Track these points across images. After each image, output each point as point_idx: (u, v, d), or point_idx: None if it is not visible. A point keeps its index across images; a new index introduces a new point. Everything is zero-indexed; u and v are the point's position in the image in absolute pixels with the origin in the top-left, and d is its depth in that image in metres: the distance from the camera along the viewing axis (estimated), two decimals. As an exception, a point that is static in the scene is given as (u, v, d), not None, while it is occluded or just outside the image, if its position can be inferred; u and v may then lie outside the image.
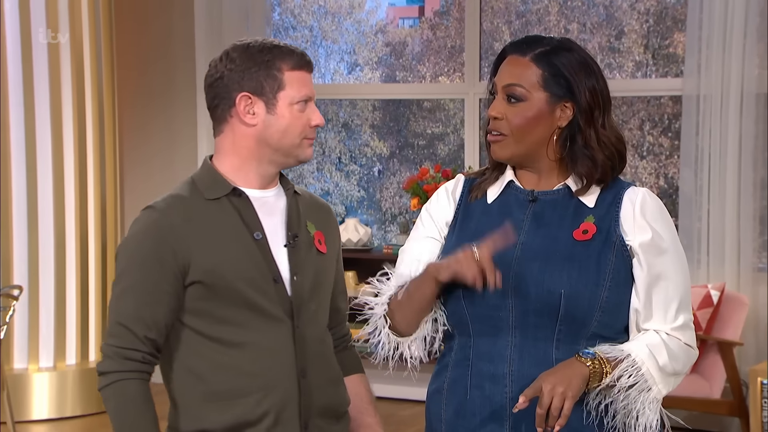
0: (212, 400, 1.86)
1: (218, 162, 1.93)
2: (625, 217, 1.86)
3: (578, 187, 1.89)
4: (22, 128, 5.19)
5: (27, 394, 5.19)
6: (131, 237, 1.87)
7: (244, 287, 1.85)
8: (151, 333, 1.83)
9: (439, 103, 6.85)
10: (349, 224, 5.66)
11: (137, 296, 1.83)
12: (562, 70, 1.86)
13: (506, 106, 1.87)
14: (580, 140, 1.87)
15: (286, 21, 7.14)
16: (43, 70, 5.20)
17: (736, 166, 4.93)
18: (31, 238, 5.21)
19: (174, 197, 1.90)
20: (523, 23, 6.53)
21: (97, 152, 5.39)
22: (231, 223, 1.88)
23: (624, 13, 6.33)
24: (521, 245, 1.87)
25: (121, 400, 1.82)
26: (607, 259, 1.84)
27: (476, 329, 1.88)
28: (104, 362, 1.85)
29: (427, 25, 7.15)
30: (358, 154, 7.31)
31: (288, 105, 1.89)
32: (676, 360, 1.85)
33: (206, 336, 1.86)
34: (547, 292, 1.83)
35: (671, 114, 6.28)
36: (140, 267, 1.84)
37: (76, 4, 5.27)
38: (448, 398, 1.92)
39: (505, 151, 1.89)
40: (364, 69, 7.24)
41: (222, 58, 1.91)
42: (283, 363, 1.89)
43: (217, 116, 1.92)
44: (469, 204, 1.96)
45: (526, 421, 1.84)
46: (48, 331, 5.25)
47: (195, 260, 1.84)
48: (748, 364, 4.76)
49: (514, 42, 1.93)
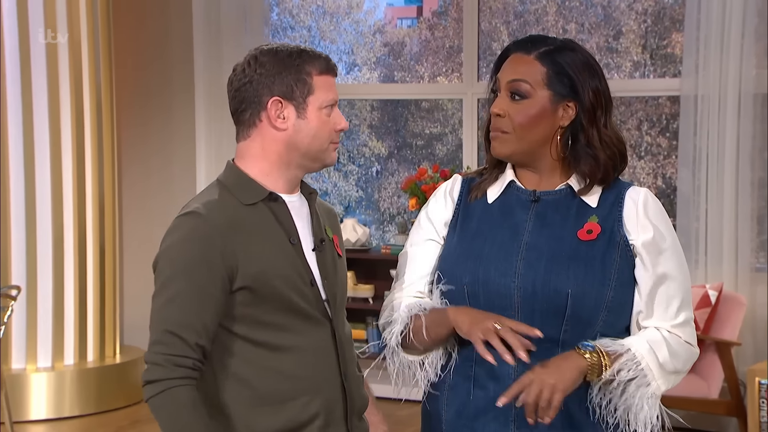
0: (261, 405, 1.86)
1: (245, 167, 1.91)
2: (628, 217, 1.87)
3: (581, 187, 1.89)
4: (20, 128, 5.19)
5: (25, 394, 5.19)
6: (175, 244, 1.83)
7: (288, 291, 1.86)
8: (201, 339, 1.81)
9: (438, 103, 6.85)
10: (348, 224, 5.67)
11: (186, 303, 1.80)
12: (567, 69, 1.87)
13: (509, 103, 1.88)
14: (583, 139, 1.87)
15: (284, 21, 7.14)
16: (41, 70, 5.20)
17: (734, 166, 4.93)
18: (29, 238, 5.21)
19: (213, 202, 1.87)
20: (521, 23, 6.53)
21: (95, 152, 5.39)
22: (270, 228, 1.88)
23: (622, 13, 6.34)
24: (525, 245, 1.87)
25: (175, 408, 1.78)
26: (612, 258, 1.85)
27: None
28: (153, 370, 1.81)
29: (425, 25, 7.15)
30: (357, 154, 7.31)
31: (317, 109, 1.90)
32: (677, 357, 1.85)
33: (251, 341, 1.85)
34: (553, 292, 1.83)
35: (669, 114, 6.28)
36: (187, 273, 1.81)
37: (74, 5, 5.27)
38: (450, 398, 1.91)
39: (506, 148, 1.88)
40: (363, 69, 7.24)
41: (250, 62, 1.89)
42: (328, 364, 1.92)
43: (244, 121, 1.91)
44: (469, 204, 1.96)
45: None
46: (46, 331, 5.25)
47: (242, 265, 1.83)
48: (746, 364, 4.76)
49: (518, 41, 1.93)
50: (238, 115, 1.91)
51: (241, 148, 1.93)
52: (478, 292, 1.86)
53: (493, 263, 1.87)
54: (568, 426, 1.84)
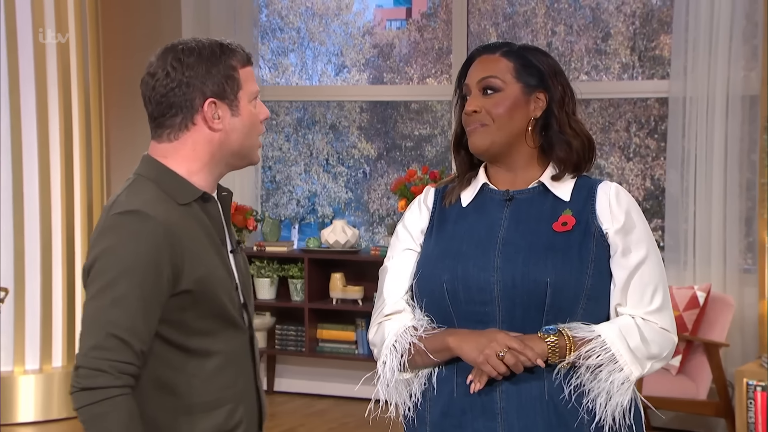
0: (187, 413, 1.80)
1: (171, 165, 1.83)
2: (601, 209, 1.91)
3: (555, 173, 1.93)
4: (8, 128, 5.17)
5: (13, 396, 5.16)
6: (120, 244, 1.73)
7: (223, 296, 1.81)
8: (145, 346, 1.73)
9: (427, 104, 6.85)
10: (337, 226, 5.67)
11: (133, 306, 1.71)
12: (533, 61, 1.94)
13: (483, 99, 1.92)
14: (556, 126, 1.93)
15: (273, 22, 7.13)
16: (29, 69, 5.18)
17: (722, 168, 4.95)
18: (17, 239, 5.19)
19: (153, 201, 1.78)
20: (510, 25, 6.54)
21: (83, 153, 5.37)
22: (204, 230, 1.82)
23: (610, 15, 6.35)
24: (502, 241, 1.89)
25: (121, 417, 1.69)
26: (588, 248, 1.88)
27: (462, 326, 1.88)
28: (94, 376, 1.69)
29: (414, 26, 7.16)
30: (346, 156, 7.31)
31: (247, 103, 1.85)
32: (649, 344, 1.87)
33: (178, 347, 1.78)
34: (533, 283, 1.84)
35: (657, 116, 6.30)
36: (135, 274, 1.71)
37: (62, 4, 5.25)
38: (434, 400, 1.92)
39: (485, 139, 1.91)
40: (352, 71, 7.24)
41: (173, 65, 1.80)
42: (247, 372, 1.88)
43: (173, 125, 1.82)
44: (444, 209, 1.98)
45: (518, 414, 1.85)
46: (34, 333, 5.23)
47: (187, 268, 1.75)
48: (734, 365, 4.78)
49: (481, 46, 1.99)
50: (165, 119, 1.82)
51: (164, 149, 1.84)
52: (457, 288, 1.87)
53: (471, 259, 1.88)
54: (554, 414, 1.85)
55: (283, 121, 7.23)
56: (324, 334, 5.65)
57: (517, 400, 1.85)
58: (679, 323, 4.64)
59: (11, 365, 5.21)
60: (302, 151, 7.27)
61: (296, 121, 7.26)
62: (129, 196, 1.79)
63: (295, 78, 7.24)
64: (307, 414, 5.44)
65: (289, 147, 7.28)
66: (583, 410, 1.85)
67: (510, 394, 1.85)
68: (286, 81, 7.21)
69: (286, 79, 7.22)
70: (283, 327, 5.74)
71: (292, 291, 5.70)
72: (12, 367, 5.21)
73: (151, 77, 1.83)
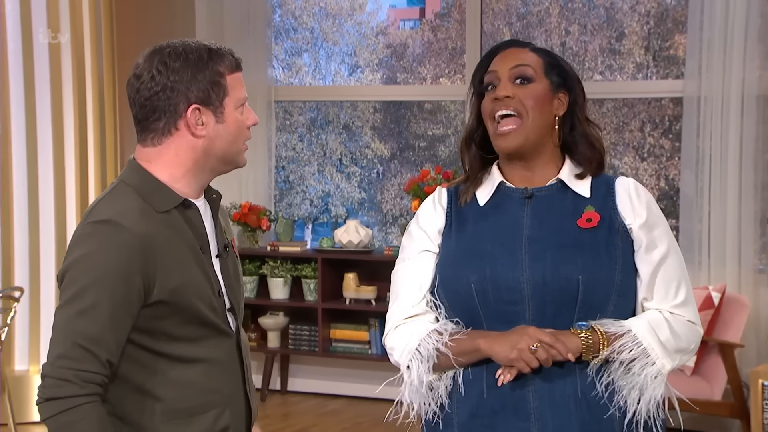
0: (171, 419, 1.79)
1: (154, 171, 1.81)
2: (622, 204, 1.91)
3: (578, 172, 1.93)
4: (23, 129, 5.20)
5: (28, 395, 5.19)
6: (92, 253, 1.71)
7: (201, 304, 1.79)
8: (113, 356, 1.71)
9: (440, 104, 6.85)
10: (350, 226, 5.67)
11: (100, 316, 1.69)
12: (559, 60, 1.96)
13: (514, 87, 1.90)
14: (579, 126, 1.94)
15: (287, 23, 7.14)
16: (44, 70, 5.21)
17: (737, 168, 4.93)
18: (32, 239, 5.21)
19: (129, 210, 1.75)
20: (523, 25, 6.53)
21: (98, 153, 5.40)
22: (184, 237, 1.79)
23: (625, 15, 6.34)
24: (528, 239, 1.87)
25: (87, 425, 1.68)
26: (614, 243, 1.87)
27: (490, 327, 1.87)
28: (58, 386, 1.68)
29: (427, 26, 7.15)
30: (359, 156, 7.31)
31: (233, 110, 1.82)
32: (679, 337, 1.87)
33: (159, 354, 1.77)
34: (564, 280, 1.83)
35: (672, 116, 6.28)
36: (104, 284, 1.69)
37: (77, 5, 5.28)
38: (461, 401, 1.89)
39: (518, 138, 1.89)
40: (365, 71, 7.24)
41: (159, 68, 1.78)
42: (234, 376, 1.87)
43: (156, 129, 1.80)
44: (460, 209, 1.96)
45: (551, 412, 1.84)
46: (49, 332, 5.22)
47: (160, 279, 1.73)
48: (749, 365, 4.76)
49: (505, 41, 1.98)
50: (149, 123, 1.80)
51: (148, 153, 1.82)
52: (486, 289, 1.85)
53: (499, 259, 1.86)
54: (587, 411, 1.84)
55: (297, 121, 7.24)
56: (337, 334, 5.66)
57: (550, 399, 1.84)
58: (693, 324, 4.62)
59: (26, 364, 5.24)
60: (316, 151, 7.28)
61: (310, 121, 7.27)
62: (107, 205, 1.78)
63: (309, 78, 7.25)
64: (320, 414, 5.45)
65: (302, 147, 7.29)
66: (615, 406, 1.84)
67: (543, 394, 1.84)
68: (299, 81, 7.22)
69: (300, 79, 7.23)
70: (297, 327, 5.74)
71: (306, 291, 5.71)
72: (27, 365, 5.24)
73: (137, 79, 1.81)
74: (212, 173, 1.86)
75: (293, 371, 5.90)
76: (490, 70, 1.93)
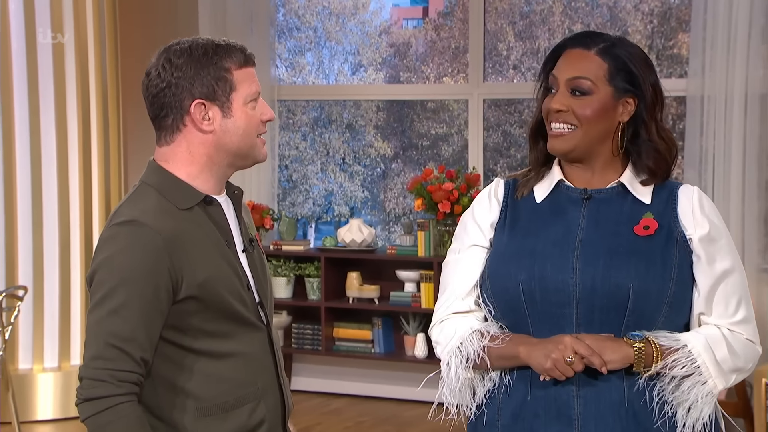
0: (207, 415, 1.80)
1: (172, 170, 1.83)
2: (684, 213, 1.86)
3: (643, 179, 1.87)
4: (27, 128, 5.21)
5: (31, 394, 5.20)
6: (117, 254, 1.73)
7: (230, 298, 1.80)
8: (146, 354, 1.73)
9: (443, 103, 6.85)
10: (353, 225, 5.67)
11: (130, 315, 1.72)
12: (628, 64, 1.85)
13: (570, 99, 1.84)
14: (645, 134, 1.86)
15: (290, 22, 7.14)
16: (47, 69, 5.22)
17: (741, 167, 4.92)
18: (35, 238, 5.22)
19: (151, 210, 1.78)
20: (527, 24, 6.53)
21: (101, 152, 5.40)
22: (208, 233, 1.81)
23: (628, 13, 6.33)
24: (581, 242, 1.83)
25: (124, 424, 1.70)
26: (671, 253, 1.82)
27: (536, 329, 1.84)
28: (95, 386, 1.71)
29: (431, 25, 7.15)
30: (362, 155, 7.31)
31: (242, 105, 1.82)
32: (736, 356, 1.82)
33: (193, 350, 1.79)
34: (615, 287, 1.79)
35: (675, 115, 6.27)
36: (132, 284, 1.72)
37: (80, 5, 5.28)
38: (505, 402, 1.87)
39: (569, 143, 1.84)
40: (368, 70, 7.24)
41: (164, 65, 1.81)
42: (267, 369, 1.88)
43: (166, 126, 1.82)
44: (516, 202, 1.92)
45: (595, 419, 1.81)
46: (52, 331, 5.26)
47: (187, 275, 1.76)
48: (752, 365, 4.76)
49: (574, 36, 1.90)
50: (159, 120, 1.83)
51: (164, 152, 1.84)
52: (533, 289, 1.82)
53: (549, 260, 1.82)
54: (633, 421, 1.80)
55: (300, 120, 7.24)
56: (340, 333, 5.66)
57: (596, 406, 1.80)
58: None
59: (30, 363, 5.25)
60: (319, 150, 7.28)
61: (313, 120, 7.28)
62: (129, 206, 1.80)
63: (312, 77, 7.25)
64: (323, 413, 5.45)
65: (305, 146, 7.29)
66: (661, 419, 1.80)
67: (588, 400, 1.81)
68: (302, 80, 7.22)
69: (303, 78, 7.24)
70: (300, 326, 5.75)
71: (309, 290, 5.71)
72: (31, 364, 5.25)
73: (146, 77, 1.84)
74: (230, 168, 1.86)
75: (296, 370, 5.91)
76: (553, 73, 1.87)
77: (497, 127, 6.44)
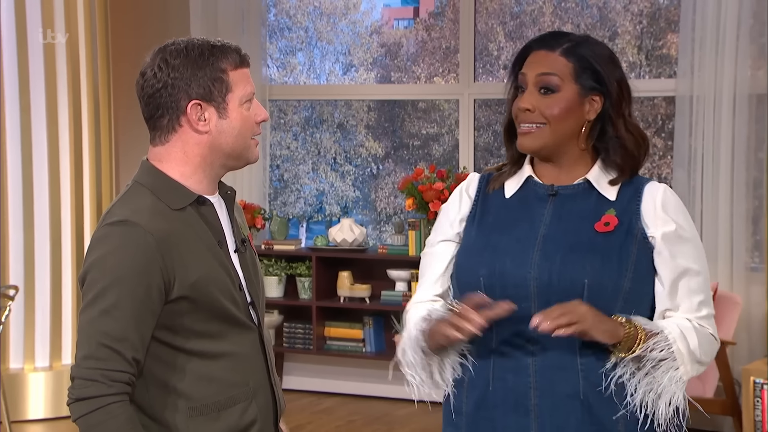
0: (198, 415, 1.81)
1: (165, 169, 1.83)
2: (646, 211, 1.88)
3: (612, 177, 1.90)
4: (18, 128, 5.21)
5: (23, 393, 5.20)
6: (109, 254, 1.74)
7: (222, 299, 1.81)
8: (138, 354, 1.74)
9: (434, 103, 6.86)
10: (345, 224, 5.68)
11: (122, 315, 1.72)
12: (592, 62, 1.89)
13: (538, 97, 1.88)
14: (611, 131, 1.89)
15: (282, 22, 7.15)
16: (39, 69, 5.22)
17: (729, 167, 4.96)
18: (26, 237, 5.22)
19: (144, 210, 1.78)
20: (517, 24, 6.55)
21: (92, 152, 5.41)
22: (200, 233, 1.82)
23: (617, 14, 6.36)
24: (543, 238, 1.87)
25: (115, 424, 1.70)
26: (629, 250, 1.85)
27: (498, 323, 1.87)
28: (86, 386, 1.71)
29: (421, 26, 7.17)
30: (353, 155, 7.32)
31: (238, 106, 1.83)
32: (703, 348, 1.86)
33: (184, 350, 1.80)
34: (569, 282, 1.83)
35: (665, 115, 6.30)
36: (124, 284, 1.72)
37: (72, 5, 5.28)
38: (469, 391, 1.92)
39: (537, 141, 1.88)
40: (359, 70, 7.25)
41: (160, 65, 1.81)
42: (259, 369, 1.89)
43: (161, 126, 1.83)
44: (487, 196, 1.96)
45: (551, 411, 1.85)
46: (44, 330, 5.27)
47: (179, 275, 1.76)
48: (740, 363, 4.79)
49: (539, 38, 1.93)
50: (154, 120, 1.83)
51: (158, 152, 1.84)
52: (494, 284, 1.86)
53: (510, 255, 1.87)
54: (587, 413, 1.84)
55: (291, 119, 7.25)
56: (331, 332, 5.67)
57: (551, 399, 1.84)
58: (685, 322, 4.65)
59: (21, 362, 5.25)
60: (310, 150, 7.29)
61: (304, 119, 7.29)
62: (122, 206, 1.80)
63: (303, 77, 7.26)
64: (314, 412, 5.46)
65: (296, 146, 7.30)
66: (623, 408, 1.83)
67: (544, 392, 1.85)
68: (294, 80, 7.23)
69: (294, 78, 7.24)
70: (291, 325, 5.76)
71: (300, 289, 5.72)
72: (22, 364, 5.25)
73: (141, 77, 1.84)
74: (222, 169, 1.87)
75: (287, 369, 5.92)
76: (522, 71, 1.91)
77: (488, 126, 6.46)
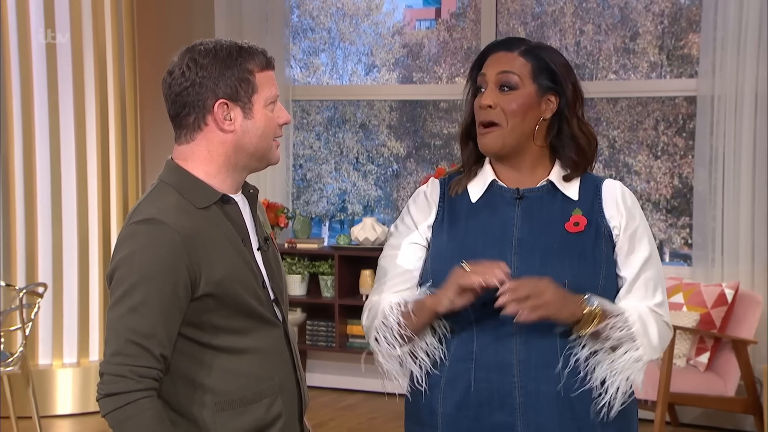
0: (225, 410, 1.83)
1: (190, 168, 1.86)
2: (608, 207, 1.96)
3: (565, 173, 1.97)
4: (47, 128, 5.28)
5: (51, 389, 5.28)
6: (137, 252, 1.76)
7: (246, 296, 1.84)
8: (165, 350, 1.76)
9: (456, 103, 6.90)
10: (367, 223, 5.73)
11: (150, 312, 1.74)
12: (549, 63, 1.96)
13: (498, 95, 1.94)
14: (566, 129, 1.97)
15: (305, 23, 7.21)
16: (67, 71, 5.29)
17: (751, 166, 4.96)
18: (55, 236, 5.29)
19: (170, 208, 1.81)
20: (538, 24, 6.58)
21: (119, 151, 5.48)
22: (225, 232, 1.84)
23: (639, 14, 6.37)
24: (517, 241, 1.92)
25: (144, 419, 1.73)
26: (600, 248, 1.93)
27: (479, 325, 1.92)
28: (115, 382, 1.73)
29: (443, 26, 7.21)
30: (375, 154, 7.37)
31: (262, 107, 1.85)
32: (658, 333, 1.93)
33: (210, 346, 1.82)
34: None
35: (686, 114, 6.31)
36: (151, 281, 1.75)
37: (99, 6, 5.35)
38: (447, 393, 1.95)
39: (497, 141, 1.94)
40: (382, 70, 7.30)
41: (189, 65, 1.83)
42: (284, 364, 1.91)
43: (187, 125, 1.85)
44: (453, 200, 2.01)
45: (535, 408, 1.90)
46: (72, 327, 5.34)
47: (205, 272, 1.78)
48: (762, 361, 4.79)
49: (498, 42, 2.01)
50: (180, 119, 1.85)
51: (183, 151, 1.87)
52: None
53: (488, 259, 1.89)
54: (568, 409, 1.90)
55: (314, 119, 7.31)
56: (354, 330, 5.72)
57: (535, 397, 1.89)
58: (707, 320, 4.66)
59: (50, 358, 5.32)
60: (333, 150, 7.35)
61: (327, 119, 7.34)
62: (148, 204, 1.83)
63: (326, 77, 7.32)
64: (337, 408, 5.51)
65: (319, 145, 7.36)
66: (594, 407, 1.89)
67: (528, 391, 1.90)
68: (316, 80, 7.29)
69: (317, 78, 7.30)
70: (314, 323, 5.81)
71: (323, 287, 5.77)
72: (50, 360, 5.32)
73: (169, 75, 1.86)
74: (246, 170, 1.90)
75: (310, 366, 5.97)
76: (482, 72, 1.98)
77: (509, 126, 6.49)
